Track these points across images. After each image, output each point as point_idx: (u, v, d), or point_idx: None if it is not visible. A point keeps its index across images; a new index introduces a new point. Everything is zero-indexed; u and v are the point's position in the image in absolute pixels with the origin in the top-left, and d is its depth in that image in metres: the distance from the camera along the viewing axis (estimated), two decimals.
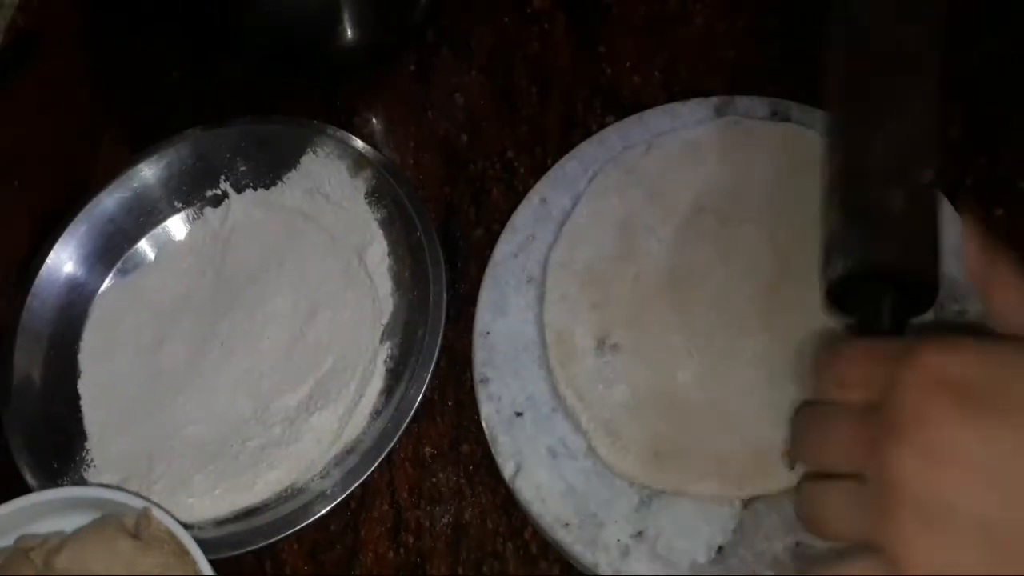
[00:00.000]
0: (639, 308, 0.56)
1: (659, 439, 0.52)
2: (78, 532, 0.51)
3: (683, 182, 0.60)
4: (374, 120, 0.69)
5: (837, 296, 0.44)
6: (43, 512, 0.52)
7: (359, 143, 0.65)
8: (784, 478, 0.50)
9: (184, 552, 0.49)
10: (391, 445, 0.55)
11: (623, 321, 0.56)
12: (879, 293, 0.42)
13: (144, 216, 0.66)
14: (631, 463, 0.52)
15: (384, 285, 0.61)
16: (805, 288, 0.54)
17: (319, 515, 0.54)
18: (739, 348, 0.54)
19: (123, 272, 0.65)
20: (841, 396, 0.38)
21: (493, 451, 0.55)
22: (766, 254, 0.56)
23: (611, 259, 0.58)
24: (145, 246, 0.66)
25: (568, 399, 0.55)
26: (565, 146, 0.63)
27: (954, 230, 0.55)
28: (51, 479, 0.57)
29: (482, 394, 0.56)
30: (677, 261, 0.57)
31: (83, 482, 0.58)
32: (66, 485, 0.57)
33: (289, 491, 0.56)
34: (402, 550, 0.55)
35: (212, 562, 0.49)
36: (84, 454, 0.59)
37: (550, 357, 0.56)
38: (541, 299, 0.58)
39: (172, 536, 0.49)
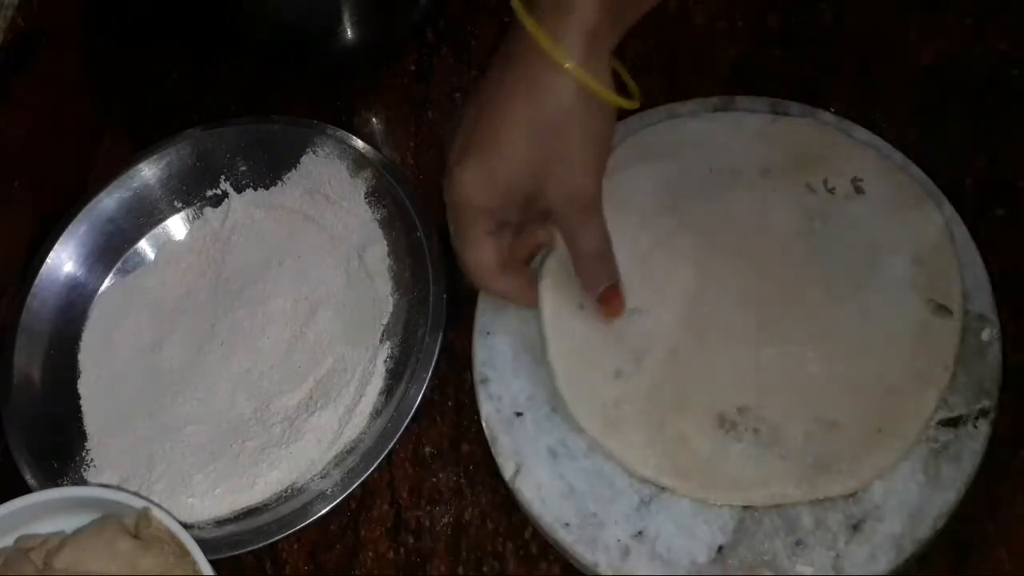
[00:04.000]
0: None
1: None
2: (78, 532, 0.51)
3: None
4: (374, 120, 0.69)
5: None
6: (43, 512, 0.52)
7: (359, 143, 0.65)
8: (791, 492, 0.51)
9: (184, 552, 0.49)
10: (391, 445, 0.55)
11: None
12: None
13: (144, 216, 0.66)
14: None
15: (384, 285, 0.61)
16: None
17: (319, 515, 0.54)
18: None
19: (123, 272, 0.65)
20: None
21: (493, 451, 0.55)
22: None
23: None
24: (145, 246, 0.66)
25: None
26: None
27: (957, 231, 0.56)
28: (51, 479, 0.57)
29: (482, 394, 0.56)
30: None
31: (83, 482, 0.58)
32: (66, 485, 0.57)
33: (289, 491, 0.56)
34: (402, 550, 0.55)
35: (212, 562, 0.49)
36: (84, 454, 0.59)
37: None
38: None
39: (172, 536, 0.49)
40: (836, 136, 0.59)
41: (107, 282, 0.65)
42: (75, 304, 0.64)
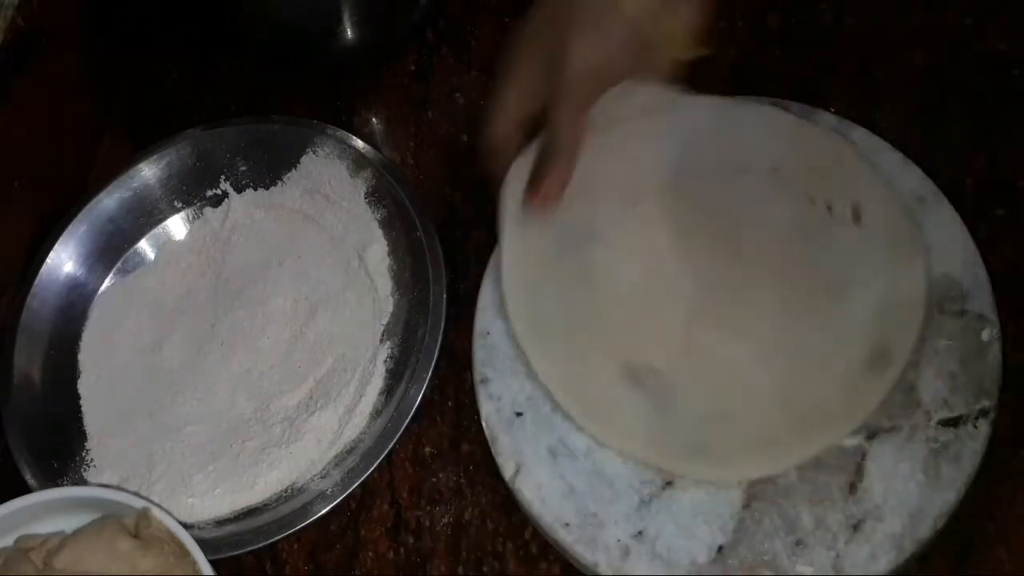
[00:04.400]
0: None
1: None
2: (78, 532, 0.51)
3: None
4: (374, 120, 0.69)
5: None
6: (43, 512, 0.52)
7: (359, 143, 0.65)
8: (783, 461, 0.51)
9: (184, 552, 0.49)
10: (391, 445, 0.55)
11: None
12: None
13: (144, 216, 0.66)
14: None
15: (384, 285, 0.61)
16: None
17: (319, 515, 0.54)
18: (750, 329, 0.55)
19: (123, 272, 0.65)
20: None
21: (493, 451, 0.55)
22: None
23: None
24: (145, 246, 0.66)
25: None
26: None
27: (957, 231, 0.56)
28: (51, 479, 0.57)
29: (482, 394, 0.56)
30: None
31: (83, 482, 0.58)
32: (66, 485, 0.57)
33: (289, 491, 0.56)
34: (402, 550, 0.55)
35: (212, 562, 0.49)
36: (84, 454, 0.59)
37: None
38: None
39: (172, 536, 0.49)
40: (854, 158, 0.58)
41: (107, 282, 0.65)
42: (75, 304, 0.64)
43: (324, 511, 0.54)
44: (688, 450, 0.52)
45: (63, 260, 0.63)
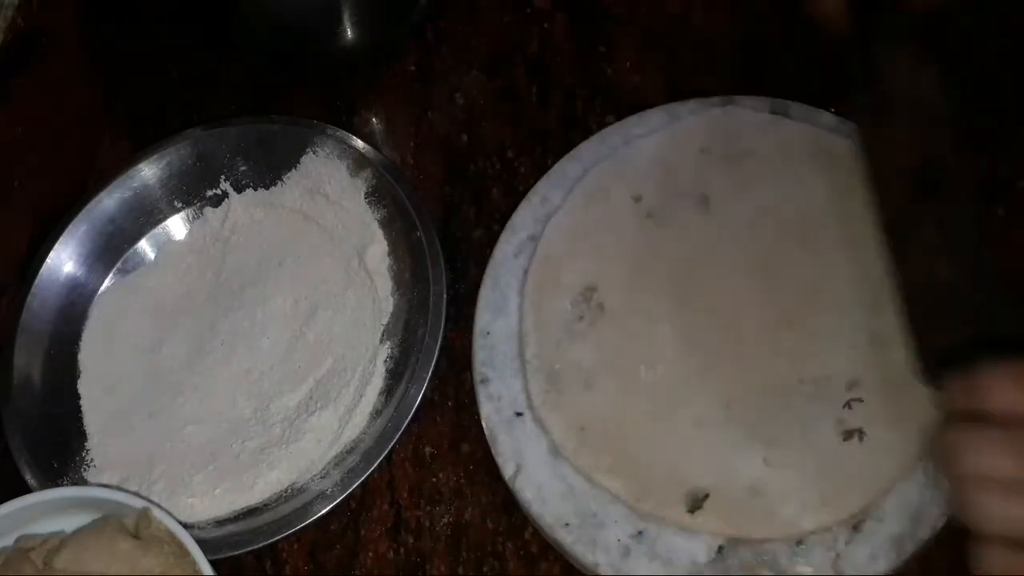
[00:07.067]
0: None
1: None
2: (78, 532, 0.51)
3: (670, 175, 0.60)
4: (374, 120, 0.69)
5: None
6: (43, 512, 0.52)
7: (359, 143, 0.65)
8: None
9: (184, 552, 0.49)
10: (391, 445, 0.55)
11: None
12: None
13: (144, 216, 0.66)
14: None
15: (384, 285, 0.61)
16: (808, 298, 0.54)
17: (319, 515, 0.54)
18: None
19: (123, 272, 0.65)
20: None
21: (493, 451, 0.55)
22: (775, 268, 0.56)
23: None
24: (145, 246, 0.66)
25: None
26: (565, 146, 0.63)
27: None
28: (51, 479, 0.57)
29: (482, 394, 0.56)
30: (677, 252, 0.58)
31: (83, 482, 0.58)
32: (66, 485, 0.57)
33: (289, 491, 0.56)
34: (402, 550, 0.55)
35: (212, 562, 0.49)
36: (84, 454, 0.59)
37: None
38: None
39: (172, 536, 0.49)
40: None
41: (107, 282, 0.65)
42: (75, 304, 0.63)
43: (324, 511, 0.54)
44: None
45: (63, 260, 0.63)
